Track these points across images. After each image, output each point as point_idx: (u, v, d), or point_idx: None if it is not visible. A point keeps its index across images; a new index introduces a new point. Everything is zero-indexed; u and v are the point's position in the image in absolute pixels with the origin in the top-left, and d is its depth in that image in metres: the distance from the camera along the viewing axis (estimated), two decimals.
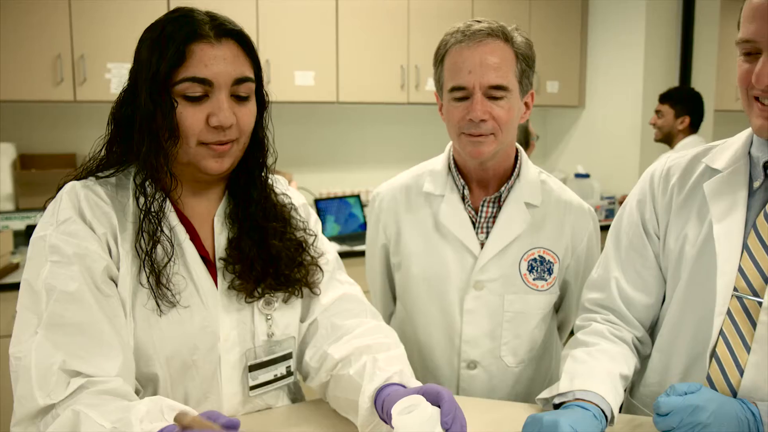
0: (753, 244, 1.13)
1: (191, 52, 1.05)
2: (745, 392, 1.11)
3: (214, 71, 1.06)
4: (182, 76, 1.05)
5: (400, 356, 1.19)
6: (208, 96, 1.07)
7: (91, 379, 0.99)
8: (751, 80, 1.07)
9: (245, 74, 1.10)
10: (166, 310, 1.08)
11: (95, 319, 1.02)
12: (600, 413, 1.11)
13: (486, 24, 1.38)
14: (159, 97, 1.04)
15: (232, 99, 1.09)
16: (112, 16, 3.09)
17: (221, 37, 1.08)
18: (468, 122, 1.38)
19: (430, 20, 3.88)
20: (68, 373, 0.99)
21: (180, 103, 1.06)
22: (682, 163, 1.28)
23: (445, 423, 0.97)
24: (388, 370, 1.11)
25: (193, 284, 1.12)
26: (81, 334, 1.01)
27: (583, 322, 1.36)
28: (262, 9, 3.42)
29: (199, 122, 1.07)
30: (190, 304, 1.11)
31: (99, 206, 1.08)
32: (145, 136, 1.05)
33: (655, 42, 4.31)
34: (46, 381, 0.97)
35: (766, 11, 1.03)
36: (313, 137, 4.09)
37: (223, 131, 1.08)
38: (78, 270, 1.02)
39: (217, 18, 1.10)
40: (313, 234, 1.29)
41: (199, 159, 1.10)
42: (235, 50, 1.10)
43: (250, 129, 1.14)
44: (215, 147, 1.09)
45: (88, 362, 1.00)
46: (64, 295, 1.01)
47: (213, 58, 1.06)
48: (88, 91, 3.09)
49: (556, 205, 1.52)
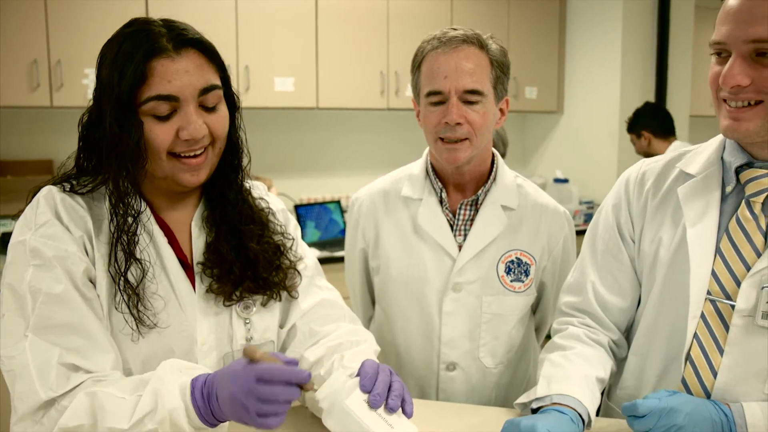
0: (725, 248, 1.15)
1: (152, 69, 1.02)
2: (719, 394, 1.12)
3: (179, 86, 1.03)
4: (146, 95, 1.02)
5: (366, 351, 1.20)
6: (176, 111, 1.05)
7: (92, 375, 1.00)
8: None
9: (211, 82, 1.08)
10: (144, 332, 1.08)
11: (85, 318, 1.03)
12: (577, 417, 1.12)
13: (462, 31, 1.42)
14: (125, 119, 1.02)
15: (201, 109, 1.08)
16: (90, 20, 3.06)
17: (180, 48, 1.05)
18: (444, 126, 1.41)
19: (409, 26, 3.90)
20: (68, 366, 1.00)
21: (148, 122, 1.04)
22: (656, 168, 1.30)
23: (364, 386, 1.01)
24: (350, 367, 1.12)
25: (172, 289, 1.12)
26: (73, 334, 1.01)
27: (560, 326, 1.37)
28: (241, 15, 3.41)
29: (169, 137, 1.05)
30: (170, 324, 1.10)
31: (75, 210, 1.08)
32: (113, 160, 1.04)
33: (631, 49, 4.37)
34: (47, 375, 0.98)
35: (736, 14, 1.05)
36: (292, 143, 4.08)
37: (196, 142, 1.07)
38: (61, 272, 1.03)
39: (175, 27, 1.06)
40: (292, 238, 1.29)
41: (174, 173, 1.09)
42: (197, 59, 1.07)
43: (225, 133, 1.13)
44: (188, 161, 1.08)
45: (85, 358, 1.01)
46: (51, 297, 1.01)
47: (175, 72, 1.03)
48: (65, 96, 3.06)
49: (532, 208, 1.55)
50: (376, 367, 1.04)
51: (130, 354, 1.08)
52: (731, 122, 1.09)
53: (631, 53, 4.38)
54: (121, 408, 0.95)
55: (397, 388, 1.04)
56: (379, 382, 1.03)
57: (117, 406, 0.95)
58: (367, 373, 1.02)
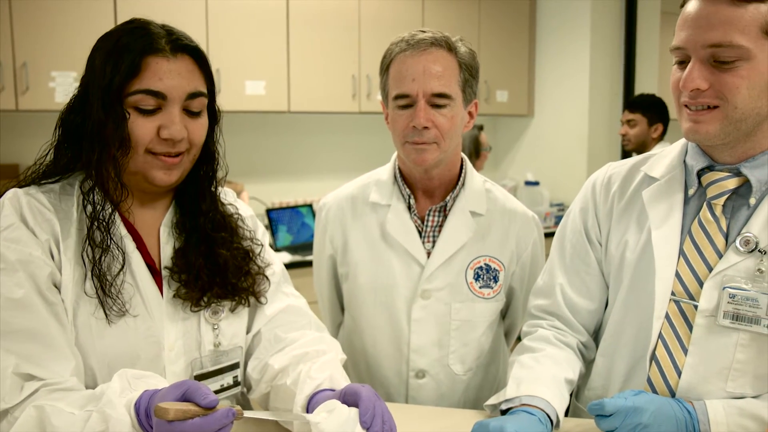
0: (688, 250, 1.17)
1: (146, 64, 1.06)
2: (683, 392, 1.15)
3: (168, 85, 1.07)
4: (136, 88, 1.05)
5: (332, 361, 1.19)
6: (161, 109, 1.08)
7: (46, 382, 0.99)
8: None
9: (199, 89, 1.12)
10: (115, 318, 1.07)
11: (45, 323, 1.02)
12: (545, 417, 1.14)
13: (430, 34, 1.41)
14: (111, 107, 1.04)
15: (184, 113, 1.11)
16: (57, 23, 3.00)
17: (177, 52, 1.09)
18: (412, 130, 1.40)
19: (381, 30, 3.90)
20: (21, 376, 0.99)
21: (132, 114, 1.06)
22: (622, 172, 1.32)
23: (364, 422, 0.98)
24: (317, 378, 1.11)
25: (139, 292, 1.11)
26: (32, 340, 1.00)
27: (530, 328, 1.38)
28: (211, 18, 3.39)
29: (150, 133, 1.07)
30: (139, 312, 1.10)
31: (41, 213, 1.07)
32: (96, 146, 1.05)
33: (599, 54, 4.44)
34: (1, 386, 0.97)
35: (695, 20, 1.07)
36: (264, 147, 4.06)
37: (173, 144, 1.09)
38: (24, 276, 1.02)
39: (174, 33, 1.11)
40: (260, 244, 1.29)
41: (147, 169, 1.10)
42: (190, 65, 1.11)
43: (201, 141, 1.15)
44: (164, 159, 1.09)
45: (41, 366, 1.00)
46: (10, 302, 1.00)
47: (168, 72, 1.07)
48: (31, 100, 3.00)
49: (501, 214, 1.54)
50: (373, 401, 1.01)
51: (96, 355, 1.07)
52: (692, 125, 1.12)
53: (600, 58, 4.45)
54: (67, 424, 0.94)
55: (388, 420, 1.02)
56: (377, 418, 1.00)
57: (64, 421, 0.94)
58: (368, 409, 0.99)
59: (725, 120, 1.08)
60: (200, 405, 0.90)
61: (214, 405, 0.91)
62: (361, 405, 0.99)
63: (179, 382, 0.93)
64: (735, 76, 1.05)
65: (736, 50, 1.04)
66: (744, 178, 1.14)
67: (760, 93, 1.07)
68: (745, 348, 1.12)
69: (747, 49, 1.04)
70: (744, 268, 1.12)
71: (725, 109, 1.08)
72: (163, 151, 1.09)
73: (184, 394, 0.91)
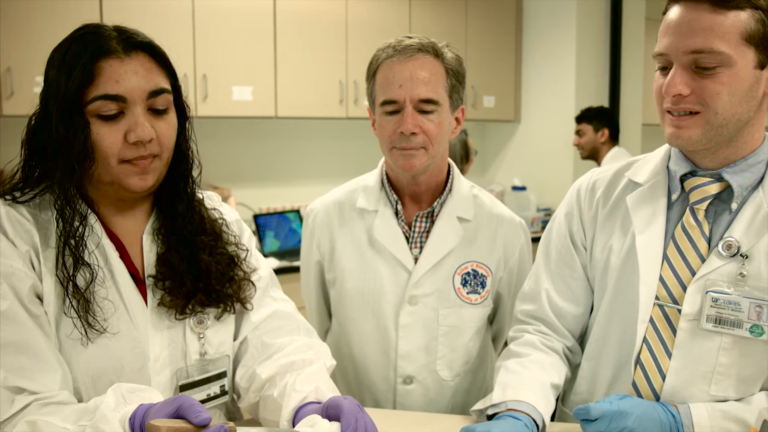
0: (672, 255, 1.18)
1: (100, 69, 1.02)
2: (667, 396, 1.16)
3: (126, 87, 1.03)
4: (93, 95, 1.02)
5: (318, 371, 1.16)
6: (124, 113, 1.04)
7: (38, 396, 0.97)
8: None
9: (160, 86, 1.07)
10: (94, 337, 1.05)
11: (31, 335, 1.00)
12: (531, 422, 1.14)
13: (417, 40, 1.41)
14: (71, 119, 1.01)
15: (150, 113, 1.07)
16: (41, 27, 2.99)
17: (130, 50, 1.05)
18: (399, 136, 1.40)
19: (368, 36, 3.91)
20: (12, 390, 0.97)
21: (95, 124, 1.03)
22: (606, 177, 1.34)
23: None
24: (302, 391, 1.09)
25: (123, 303, 1.10)
26: (19, 353, 0.98)
27: (516, 333, 1.39)
28: (198, 23, 3.38)
29: (118, 141, 1.04)
30: (120, 329, 1.08)
31: (21, 224, 1.05)
32: (59, 162, 1.02)
33: (585, 60, 4.48)
34: None
35: (677, 27, 1.09)
36: (251, 152, 4.05)
37: (144, 146, 1.06)
38: (7, 288, 1.00)
39: (125, 31, 1.07)
40: (246, 249, 1.27)
41: (122, 177, 1.07)
42: (147, 63, 1.07)
43: (172, 143, 1.12)
44: (138, 162, 1.06)
45: (30, 379, 0.98)
46: None
47: (124, 73, 1.03)
48: (15, 105, 2.97)
49: (488, 219, 1.54)
50: (354, 413, 0.98)
51: (78, 368, 1.05)
52: (674, 130, 1.13)
53: (585, 65, 4.49)
54: None
55: (364, 427, 1.00)
56: (359, 430, 0.97)
57: None
58: (349, 423, 0.97)
59: (707, 125, 1.10)
60: (192, 422, 0.89)
61: (206, 423, 0.90)
62: (343, 419, 0.97)
63: (173, 398, 0.92)
64: (716, 83, 1.07)
65: (717, 56, 1.05)
66: (726, 183, 1.16)
67: (740, 99, 1.08)
68: (728, 351, 1.13)
69: (728, 55, 1.05)
70: (726, 272, 1.13)
71: (707, 114, 1.09)
72: (134, 156, 1.06)
73: (177, 410, 0.91)
